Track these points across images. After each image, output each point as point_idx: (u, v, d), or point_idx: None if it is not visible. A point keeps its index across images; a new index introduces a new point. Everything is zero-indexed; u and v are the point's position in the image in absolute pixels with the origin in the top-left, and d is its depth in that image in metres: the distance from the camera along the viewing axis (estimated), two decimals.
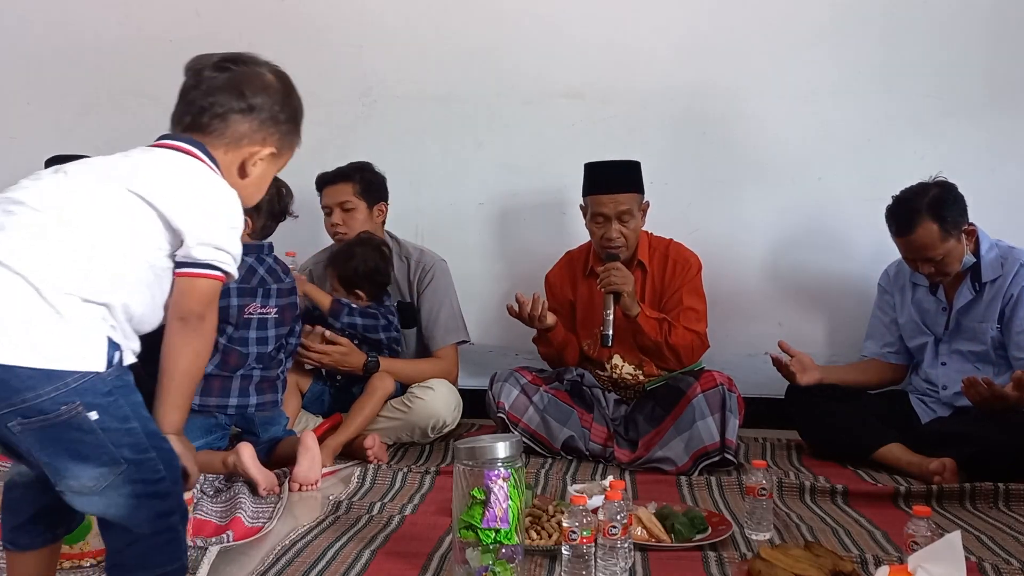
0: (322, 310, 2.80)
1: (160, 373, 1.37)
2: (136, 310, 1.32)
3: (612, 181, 2.83)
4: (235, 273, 1.42)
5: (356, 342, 2.82)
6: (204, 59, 1.54)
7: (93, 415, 1.21)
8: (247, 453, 2.23)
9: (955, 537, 1.50)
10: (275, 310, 2.55)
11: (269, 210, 2.62)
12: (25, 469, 1.35)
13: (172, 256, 1.36)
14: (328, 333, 2.78)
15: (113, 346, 1.27)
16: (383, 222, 3.09)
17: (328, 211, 2.99)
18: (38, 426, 1.20)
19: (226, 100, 1.49)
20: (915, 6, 3.21)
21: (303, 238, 3.18)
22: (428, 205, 3.41)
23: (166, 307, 1.38)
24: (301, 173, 2.96)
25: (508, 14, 3.37)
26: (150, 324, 1.37)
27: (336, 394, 2.90)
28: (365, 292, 2.85)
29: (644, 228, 2.94)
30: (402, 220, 3.17)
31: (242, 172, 1.51)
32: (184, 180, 1.40)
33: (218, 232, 1.38)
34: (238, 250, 1.42)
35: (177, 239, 1.35)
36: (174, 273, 1.36)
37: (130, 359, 1.32)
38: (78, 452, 1.22)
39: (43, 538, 1.38)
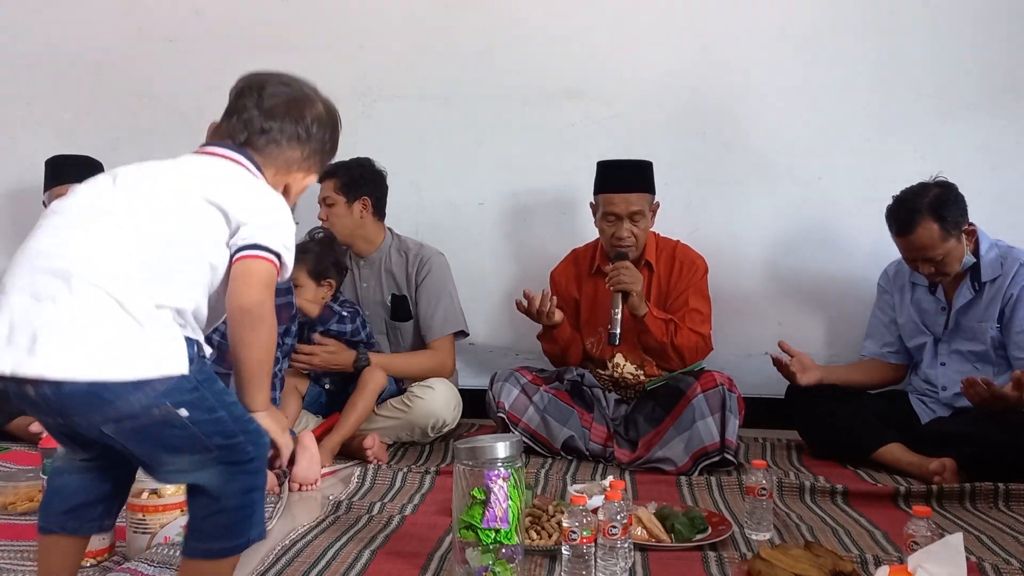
0: (310, 317, 2.78)
1: (234, 366, 1.39)
2: (204, 311, 1.37)
3: (625, 180, 2.83)
4: (289, 262, 1.44)
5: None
6: (264, 78, 1.58)
7: (183, 412, 1.26)
8: None
9: (956, 539, 1.50)
10: None
11: None
12: (78, 463, 1.39)
13: (229, 248, 1.39)
14: (316, 336, 2.79)
15: (191, 344, 1.31)
16: (378, 216, 3.05)
17: (320, 204, 3.02)
18: (131, 427, 1.25)
19: (285, 126, 1.54)
20: (914, 6, 3.21)
21: (301, 237, 3.18)
22: (428, 205, 3.41)
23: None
24: None
25: (508, 14, 3.37)
26: (213, 321, 1.42)
27: (332, 395, 2.90)
28: (334, 280, 2.82)
29: (651, 229, 2.94)
30: (402, 219, 3.17)
31: (285, 193, 1.56)
32: (242, 181, 1.46)
33: (272, 223, 1.42)
34: (292, 243, 1.44)
35: (235, 231, 1.39)
36: (230, 263, 1.39)
37: (206, 349, 1.37)
38: (172, 445, 1.28)
39: (93, 525, 1.42)
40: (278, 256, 1.41)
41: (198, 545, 1.33)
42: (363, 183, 2.99)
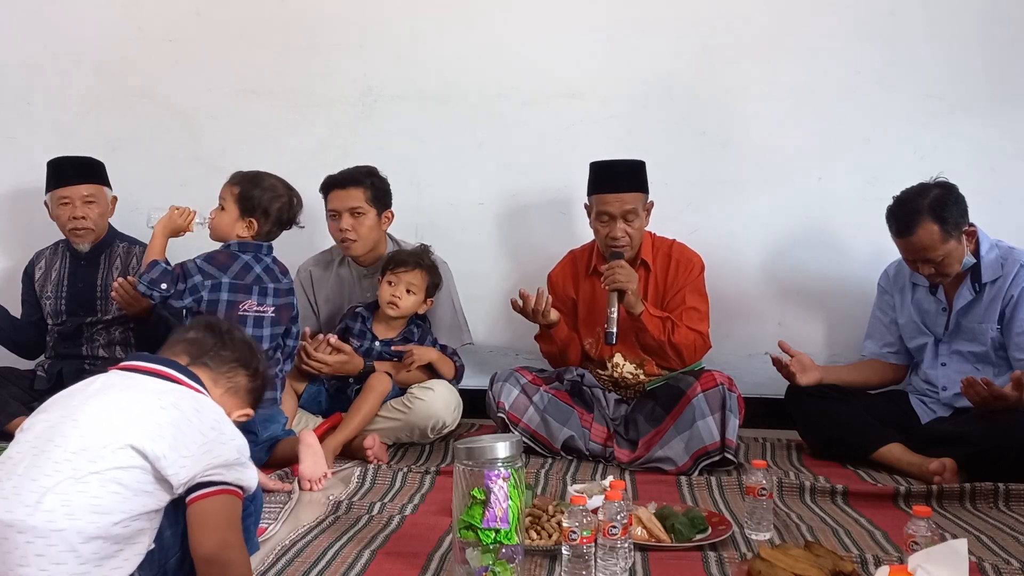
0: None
1: None
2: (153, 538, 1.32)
3: (617, 180, 2.83)
4: (250, 485, 1.38)
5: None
6: (222, 323, 1.62)
7: None
8: None
9: (961, 544, 1.48)
10: (272, 309, 2.55)
11: (277, 217, 2.60)
12: None
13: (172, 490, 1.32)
14: (334, 340, 2.78)
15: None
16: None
17: (335, 215, 2.94)
18: None
19: (243, 359, 1.56)
20: (915, 6, 3.21)
21: (302, 240, 3.17)
22: (428, 205, 3.41)
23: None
24: (301, 173, 2.97)
25: (508, 14, 3.37)
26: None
27: (333, 394, 2.90)
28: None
29: (647, 228, 2.94)
30: (402, 220, 3.16)
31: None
32: (170, 415, 1.35)
33: (214, 451, 1.34)
34: (244, 453, 1.39)
35: (165, 472, 1.30)
36: (187, 503, 1.32)
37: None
38: None
39: None
40: (229, 483, 1.34)
41: None
42: (387, 194, 2.99)
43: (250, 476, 1.38)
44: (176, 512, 1.33)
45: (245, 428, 2.47)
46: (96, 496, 1.25)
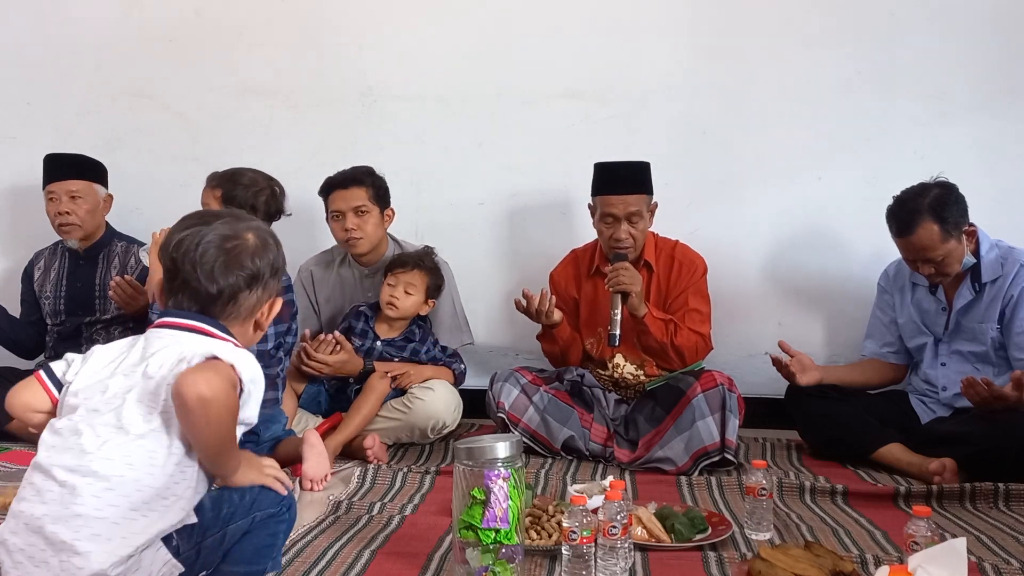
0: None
1: (195, 449, 1.39)
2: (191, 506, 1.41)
3: (622, 182, 2.83)
4: (246, 375, 1.40)
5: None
6: (189, 239, 1.47)
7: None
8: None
9: (960, 544, 1.49)
10: None
11: (265, 211, 2.61)
12: None
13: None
14: (337, 334, 2.78)
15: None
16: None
17: (338, 215, 2.93)
18: None
19: (232, 280, 1.47)
20: (915, 6, 3.21)
21: (301, 240, 3.17)
22: (428, 205, 3.41)
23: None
24: (301, 173, 2.98)
25: (508, 14, 3.37)
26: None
27: (333, 394, 2.90)
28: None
29: (650, 229, 2.94)
30: (402, 220, 3.16)
31: (257, 327, 1.56)
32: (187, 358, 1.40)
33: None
34: (250, 366, 1.42)
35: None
36: None
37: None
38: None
39: None
40: (232, 366, 1.38)
41: None
42: (388, 193, 2.99)
43: (246, 372, 1.42)
44: (220, 497, 1.45)
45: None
46: (152, 451, 1.34)
